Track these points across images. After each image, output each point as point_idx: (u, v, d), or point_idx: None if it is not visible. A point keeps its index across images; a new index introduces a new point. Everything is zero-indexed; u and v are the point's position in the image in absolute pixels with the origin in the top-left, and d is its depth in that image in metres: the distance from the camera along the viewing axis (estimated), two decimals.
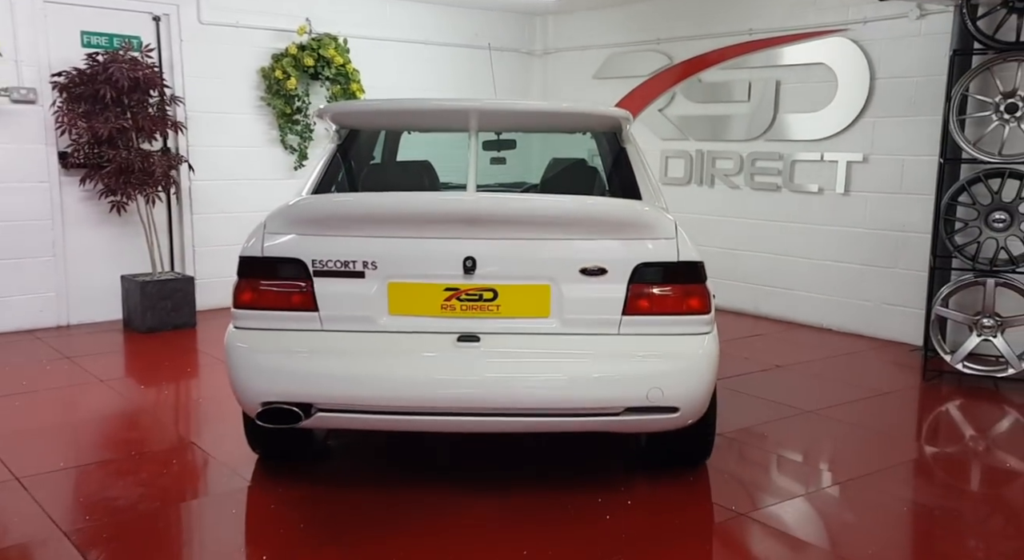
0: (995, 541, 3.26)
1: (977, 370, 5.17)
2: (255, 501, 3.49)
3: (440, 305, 3.19)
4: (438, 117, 3.70)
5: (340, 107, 3.71)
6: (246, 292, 3.26)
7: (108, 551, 3.02)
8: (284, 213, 3.22)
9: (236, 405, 4.40)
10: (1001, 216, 5.02)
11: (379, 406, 3.17)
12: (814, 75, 6.56)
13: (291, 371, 3.18)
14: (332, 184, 3.70)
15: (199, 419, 4.57)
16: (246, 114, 7.20)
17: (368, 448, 4.10)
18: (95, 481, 3.67)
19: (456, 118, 3.55)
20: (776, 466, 3.97)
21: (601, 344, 3.18)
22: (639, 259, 3.15)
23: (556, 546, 3.06)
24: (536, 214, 3.18)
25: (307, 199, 3.34)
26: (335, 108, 3.69)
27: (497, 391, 3.12)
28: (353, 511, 3.33)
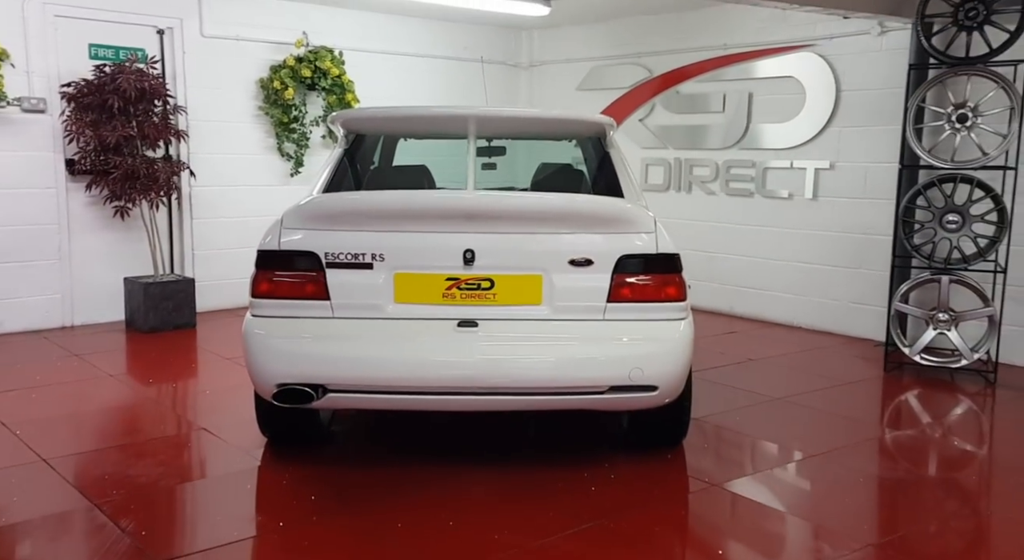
0: (944, 505, 3.62)
1: (933, 362, 5.56)
2: (268, 478, 3.79)
3: (442, 294, 3.52)
4: (439, 123, 4.03)
5: (351, 113, 4.03)
6: (263, 283, 3.56)
7: (137, 519, 3.31)
8: (299, 210, 3.54)
9: (242, 395, 4.72)
10: (954, 218, 5.42)
11: (386, 386, 3.49)
12: (784, 87, 6.96)
13: (305, 354, 3.49)
14: (340, 185, 4.02)
15: (207, 408, 4.86)
16: (245, 123, 7.50)
17: (370, 433, 4.41)
18: (116, 462, 3.95)
19: (456, 123, 3.89)
20: (746, 445, 4.32)
21: (588, 329, 3.52)
22: (622, 251, 3.49)
23: (546, 514, 3.38)
24: (529, 210, 3.52)
25: (320, 197, 3.66)
26: (346, 114, 4.02)
27: (494, 371, 3.45)
28: (360, 486, 3.64)
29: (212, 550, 3.07)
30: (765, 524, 3.41)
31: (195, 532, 3.32)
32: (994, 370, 5.43)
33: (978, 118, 5.35)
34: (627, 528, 3.27)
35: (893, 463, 4.17)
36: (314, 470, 3.81)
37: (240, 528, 3.28)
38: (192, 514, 3.49)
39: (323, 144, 7.89)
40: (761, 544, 3.25)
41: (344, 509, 3.42)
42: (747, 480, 3.81)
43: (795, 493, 3.76)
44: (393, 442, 4.29)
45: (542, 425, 4.46)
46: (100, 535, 3.16)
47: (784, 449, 4.26)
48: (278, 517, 3.35)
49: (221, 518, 3.41)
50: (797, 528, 3.38)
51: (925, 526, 3.38)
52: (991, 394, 5.24)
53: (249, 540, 3.18)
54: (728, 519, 3.48)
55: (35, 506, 3.43)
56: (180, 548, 3.10)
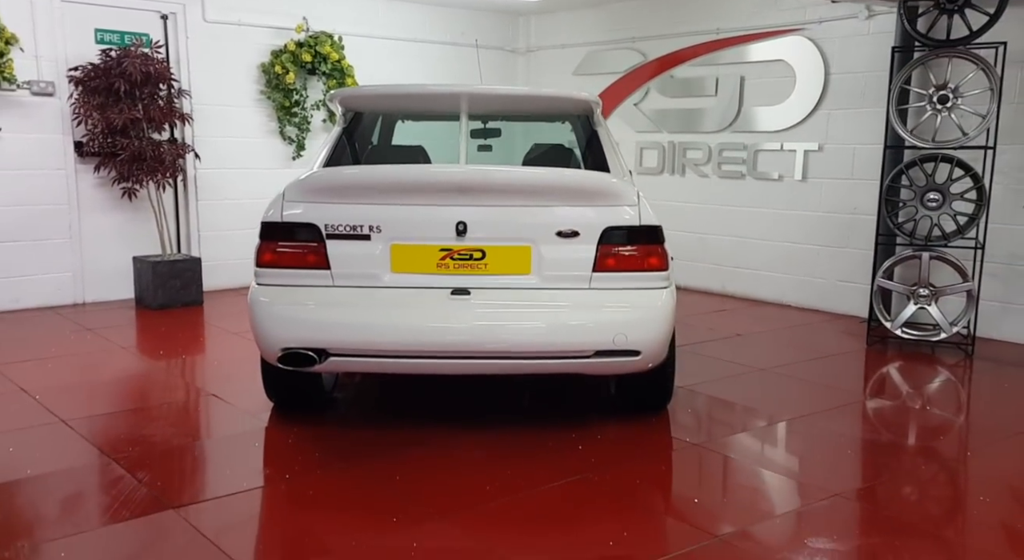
0: (918, 462, 3.82)
1: (914, 335, 5.76)
2: (274, 437, 4.01)
3: (436, 264, 3.72)
4: (433, 100, 4.23)
5: (348, 91, 4.22)
6: (267, 253, 3.77)
7: (152, 472, 3.52)
8: (300, 183, 3.73)
9: (249, 366, 4.94)
10: (934, 196, 5.60)
11: (384, 351, 3.69)
12: (775, 71, 7.13)
13: (307, 320, 3.70)
14: (339, 161, 4.21)
15: (216, 377, 5.07)
16: (247, 107, 7.69)
17: (370, 399, 4.63)
18: (131, 423, 4.17)
19: (449, 101, 4.08)
20: (729, 410, 4.52)
21: (574, 297, 3.72)
22: (607, 223, 3.69)
23: (536, 469, 3.59)
24: (518, 183, 3.72)
25: (321, 171, 3.86)
26: (344, 92, 4.21)
27: (485, 337, 3.65)
28: (363, 445, 3.85)
29: (224, 498, 3.29)
30: (740, 477, 3.62)
31: (207, 483, 3.53)
32: (972, 343, 5.63)
33: (958, 99, 5.53)
34: (610, 481, 3.48)
35: (870, 426, 4.37)
36: (318, 430, 4.03)
37: (249, 479, 3.49)
38: (204, 467, 3.71)
39: (324, 128, 8.08)
40: (735, 493, 3.46)
41: (346, 464, 3.63)
42: (727, 440, 4.02)
43: (772, 451, 3.96)
44: (393, 407, 4.50)
45: (531, 389, 4.67)
46: (119, 485, 3.38)
47: (765, 413, 4.46)
48: (284, 470, 3.57)
49: (231, 471, 3.63)
50: (770, 480, 3.58)
51: (894, 480, 3.58)
52: (968, 366, 5.44)
53: (258, 489, 3.40)
54: (706, 473, 3.69)
55: (57, 460, 3.65)
56: (194, 496, 3.31)
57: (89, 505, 3.25)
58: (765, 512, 3.28)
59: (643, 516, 3.23)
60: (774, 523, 3.15)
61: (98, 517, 3.13)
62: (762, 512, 3.28)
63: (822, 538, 3.01)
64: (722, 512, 3.25)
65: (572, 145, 5.32)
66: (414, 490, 3.36)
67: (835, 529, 3.10)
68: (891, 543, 2.98)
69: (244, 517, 3.21)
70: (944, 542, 3.06)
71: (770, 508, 3.34)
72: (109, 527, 3.04)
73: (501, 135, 5.80)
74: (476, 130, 5.64)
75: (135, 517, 3.11)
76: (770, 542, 2.99)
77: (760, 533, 3.05)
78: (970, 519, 3.28)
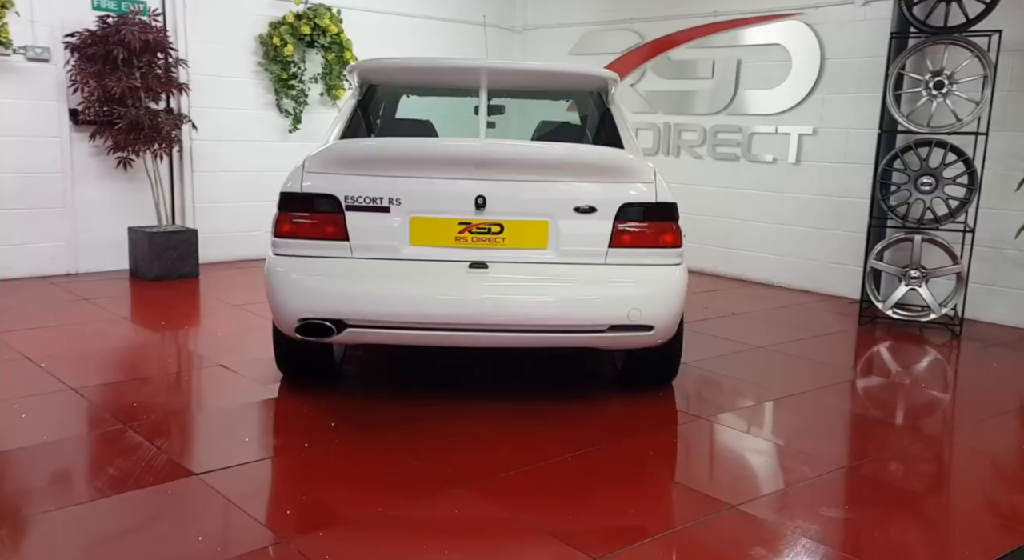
0: (917, 437, 3.96)
1: (905, 316, 5.91)
2: (288, 407, 4.05)
3: (454, 237, 3.77)
4: (454, 74, 4.25)
5: (368, 63, 4.22)
6: (286, 223, 3.79)
7: (170, 439, 3.57)
8: (321, 155, 3.76)
9: (254, 337, 4.98)
10: (928, 180, 5.74)
11: (401, 322, 3.75)
12: (771, 55, 7.22)
13: (326, 291, 3.74)
14: (356, 133, 4.23)
15: (221, 348, 5.09)
16: (244, 78, 7.65)
17: (379, 371, 4.68)
18: (143, 392, 4.19)
19: (469, 75, 4.11)
20: (730, 385, 4.63)
21: (590, 272, 3.79)
22: (624, 199, 3.76)
23: (550, 442, 3.67)
24: (538, 158, 3.77)
25: (341, 142, 3.88)
26: (363, 64, 4.21)
27: (502, 310, 3.72)
28: (376, 415, 3.91)
29: (246, 465, 3.34)
30: (749, 450, 3.73)
31: (228, 450, 3.56)
32: (960, 324, 5.79)
33: (954, 85, 5.65)
34: (624, 452, 3.58)
35: (870, 403, 4.50)
36: (330, 401, 4.07)
37: (268, 447, 3.55)
38: (222, 436, 3.74)
39: (321, 102, 8.06)
40: (744, 465, 3.57)
41: (362, 434, 3.69)
42: (731, 415, 4.12)
43: (779, 425, 4.08)
44: (401, 379, 4.56)
45: (542, 368, 4.75)
46: (138, 452, 3.41)
47: (768, 389, 4.56)
48: (302, 439, 3.61)
49: (250, 439, 3.67)
50: (778, 453, 3.69)
51: (896, 454, 3.71)
52: (956, 346, 5.60)
53: (278, 458, 3.45)
54: (715, 446, 3.79)
55: (73, 427, 3.68)
56: (215, 463, 3.35)
57: (112, 471, 3.28)
58: (775, 483, 3.39)
59: (657, 487, 3.33)
60: (785, 494, 3.26)
61: (122, 482, 3.17)
62: (772, 483, 3.39)
63: (833, 508, 3.13)
64: (733, 483, 3.36)
65: (581, 122, 5.36)
66: (430, 460, 3.42)
67: (843, 499, 3.22)
68: (896, 511, 3.11)
69: (266, 484, 3.27)
70: (943, 508, 3.20)
71: (780, 479, 3.44)
72: (135, 492, 3.08)
73: (504, 112, 5.83)
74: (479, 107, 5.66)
75: (160, 482, 3.15)
76: (783, 511, 3.10)
77: (772, 503, 3.16)
78: (960, 488, 3.41)
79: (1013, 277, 5.94)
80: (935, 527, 3.07)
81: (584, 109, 5.18)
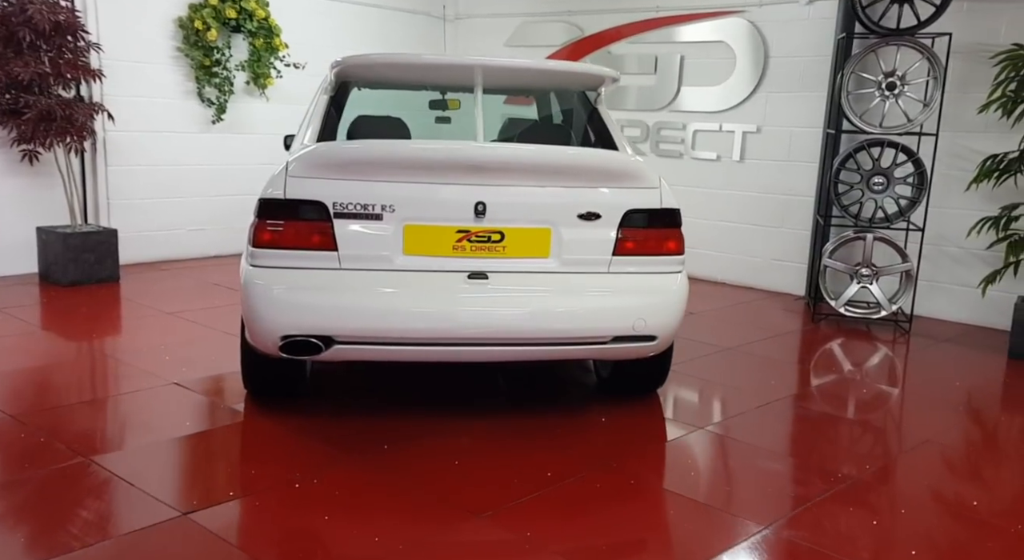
0: (905, 437, 3.99)
1: (855, 313, 6.02)
2: (262, 429, 3.71)
3: (452, 246, 3.53)
4: (447, 72, 3.98)
5: (355, 59, 3.83)
6: (266, 233, 3.46)
7: (146, 475, 3.19)
8: (308, 157, 3.44)
9: (199, 350, 4.62)
10: (880, 180, 5.85)
11: (395, 338, 3.48)
12: (715, 52, 7.22)
13: (312, 306, 3.43)
14: (332, 133, 3.90)
15: (169, 363, 4.65)
16: (162, 64, 7.10)
17: (352, 386, 4.37)
18: (94, 417, 3.77)
19: (462, 73, 3.85)
20: (718, 390, 4.56)
21: (594, 281, 3.63)
22: (629, 205, 3.61)
23: (555, 459, 3.50)
24: (542, 163, 3.57)
25: (329, 145, 3.56)
26: (350, 61, 3.81)
27: (504, 323, 3.51)
28: (364, 436, 3.63)
29: (236, 500, 3.02)
30: (758, 462, 3.65)
31: (213, 484, 3.22)
32: (909, 320, 5.94)
33: (905, 87, 5.76)
34: (633, 469, 3.44)
35: (841, 403, 4.52)
36: (306, 422, 3.76)
37: (254, 478, 3.22)
38: (203, 468, 3.39)
39: (247, 91, 7.58)
40: (762, 480, 3.49)
41: (356, 457, 3.41)
42: (732, 423, 4.05)
43: (774, 432, 4.02)
44: (376, 394, 4.27)
45: (520, 377, 4.57)
46: (109, 490, 3.04)
47: (754, 394, 4.50)
48: (289, 468, 3.30)
49: (232, 470, 3.34)
50: (783, 463, 3.64)
51: (884, 456, 3.73)
52: (906, 341, 5.72)
53: (268, 491, 3.13)
54: (726, 459, 3.70)
55: (23, 463, 3.24)
56: (204, 500, 3.01)
57: (86, 515, 2.89)
58: (796, 495, 3.32)
59: (680, 507, 3.20)
60: (808, 508, 3.19)
61: (101, 528, 2.80)
62: (794, 495, 3.32)
63: (852, 521, 3.08)
64: (758, 500, 3.27)
65: (563, 122, 5.14)
66: (437, 484, 3.19)
67: (866, 507, 3.18)
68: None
69: (263, 519, 2.96)
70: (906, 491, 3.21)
71: (796, 490, 3.38)
72: (118, 539, 2.73)
73: (461, 107, 5.59)
74: (434, 101, 5.40)
75: (147, 526, 2.80)
76: (811, 527, 3.03)
77: (802, 521, 3.08)
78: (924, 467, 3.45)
79: (955, 274, 6.13)
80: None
81: (566, 108, 4.99)
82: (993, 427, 4.34)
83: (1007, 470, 3.72)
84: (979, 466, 3.76)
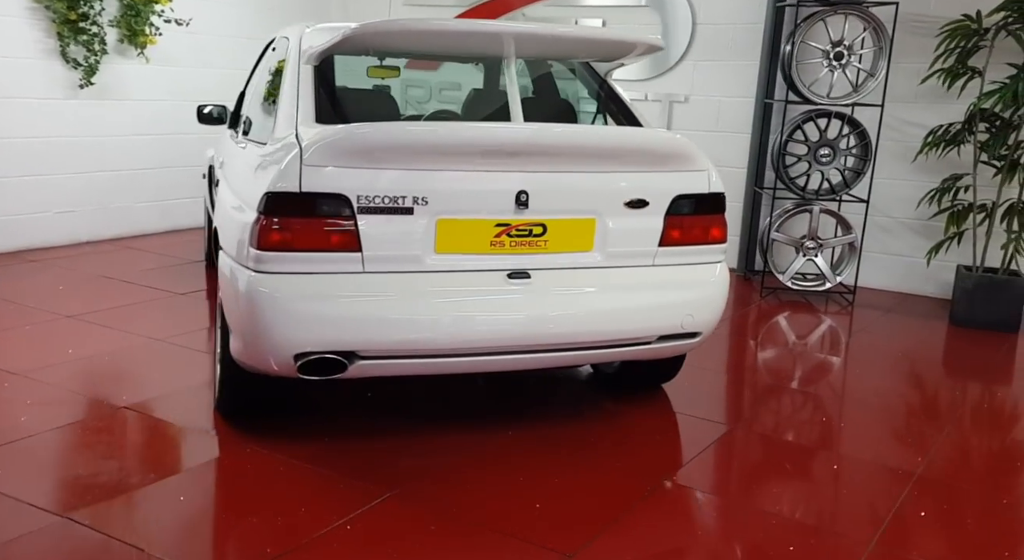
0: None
1: (802, 286, 6.04)
2: (259, 462, 3.10)
3: (490, 242, 3.08)
4: (474, 41, 3.45)
5: (373, 28, 3.11)
6: (274, 233, 2.87)
7: (134, 530, 2.58)
8: (329, 144, 2.86)
9: (134, 361, 3.97)
10: (826, 151, 5.84)
11: (429, 349, 3.02)
12: (639, 17, 6.97)
13: (332, 317, 2.90)
14: (333, 113, 3.29)
15: (106, 382, 3.88)
16: (15, 17, 5.98)
17: (339, 399, 3.82)
18: (48, 458, 3.05)
19: (491, 42, 3.34)
20: (717, 378, 4.37)
21: (639, 275, 3.28)
22: (677, 191, 3.28)
23: (610, 475, 3.17)
24: (592, 144, 3.16)
25: (355, 127, 2.96)
26: (368, 29, 3.13)
27: (552, 327, 3.11)
28: (373, 460, 3.14)
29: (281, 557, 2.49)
30: (798, 459, 3.49)
31: (233, 540, 2.66)
32: (853, 292, 6.02)
33: (852, 57, 5.75)
34: (693, 479, 3.18)
35: (793, 371, 4.48)
36: (306, 448, 3.20)
37: (284, 529, 2.67)
38: (205, 516, 2.79)
39: (120, 50, 6.57)
40: (812, 480, 3.32)
41: (376, 488, 2.91)
42: (757, 417, 3.87)
43: (800, 422, 3.88)
44: (368, 406, 3.75)
45: (513, 378, 4.18)
46: (98, 552, 2.42)
47: (754, 382, 4.37)
48: (330, 508, 2.77)
49: (255, 519, 2.77)
50: (820, 459, 3.50)
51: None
52: (849, 313, 5.79)
53: (309, 549, 2.60)
54: (772, 461, 3.51)
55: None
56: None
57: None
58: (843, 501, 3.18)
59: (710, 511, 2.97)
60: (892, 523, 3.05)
61: None
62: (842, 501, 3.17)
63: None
64: (809, 501, 3.10)
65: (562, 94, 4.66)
66: (502, 520, 2.78)
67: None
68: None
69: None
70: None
71: (887, 503, 3.24)
72: None
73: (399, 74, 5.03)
74: (377, 66, 4.79)
75: None
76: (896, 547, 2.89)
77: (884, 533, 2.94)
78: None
79: (897, 244, 6.22)
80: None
81: (562, 79, 4.54)
82: (934, 390, 4.48)
83: (941, 430, 3.80)
84: (919, 428, 3.85)
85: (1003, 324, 5.35)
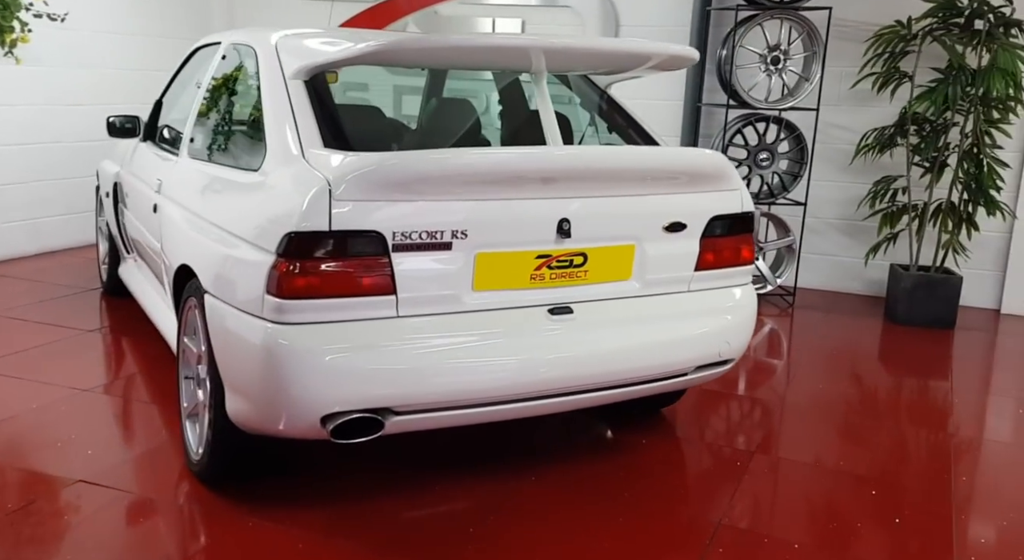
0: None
1: None
2: (278, 541, 2.69)
3: (530, 275, 2.76)
4: (499, 56, 3.07)
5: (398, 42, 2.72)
6: (298, 278, 2.44)
7: None
8: (363, 176, 2.45)
9: (75, 422, 3.48)
10: (765, 156, 5.85)
11: (472, 399, 2.69)
12: (559, 17, 6.76)
13: (369, 371, 2.52)
14: (334, 132, 2.83)
15: (50, 450, 3.25)
16: None
17: (325, 448, 3.38)
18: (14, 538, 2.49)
19: (518, 57, 2.98)
20: (706, 395, 4.23)
21: (676, 303, 3.06)
22: (713, 211, 3.07)
23: (661, 523, 2.95)
24: (637, 167, 2.90)
25: (390, 158, 2.53)
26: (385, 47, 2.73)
27: (598, 367, 2.85)
28: (407, 524, 2.79)
29: None
30: (816, 481, 3.38)
31: None
32: (793, 294, 6.07)
33: (787, 61, 5.77)
34: (729, 514, 3.00)
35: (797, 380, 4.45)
36: (311, 513, 2.81)
37: None
38: None
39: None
40: (838, 508, 3.22)
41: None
42: (763, 437, 3.75)
43: (826, 442, 3.79)
44: (360, 457, 3.35)
45: None
46: None
47: (750, 396, 4.26)
48: None
49: None
50: (852, 484, 3.42)
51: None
52: (790, 315, 5.84)
53: None
54: (794, 487, 3.39)
55: None
56: None
57: None
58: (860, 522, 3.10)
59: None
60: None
61: None
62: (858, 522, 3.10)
63: None
64: (851, 529, 3.00)
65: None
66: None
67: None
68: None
69: None
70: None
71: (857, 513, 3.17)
72: None
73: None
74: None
75: None
76: None
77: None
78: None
79: (824, 245, 6.33)
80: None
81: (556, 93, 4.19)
82: (872, 385, 4.57)
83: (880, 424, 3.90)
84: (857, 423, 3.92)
85: (940, 321, 5.53)
